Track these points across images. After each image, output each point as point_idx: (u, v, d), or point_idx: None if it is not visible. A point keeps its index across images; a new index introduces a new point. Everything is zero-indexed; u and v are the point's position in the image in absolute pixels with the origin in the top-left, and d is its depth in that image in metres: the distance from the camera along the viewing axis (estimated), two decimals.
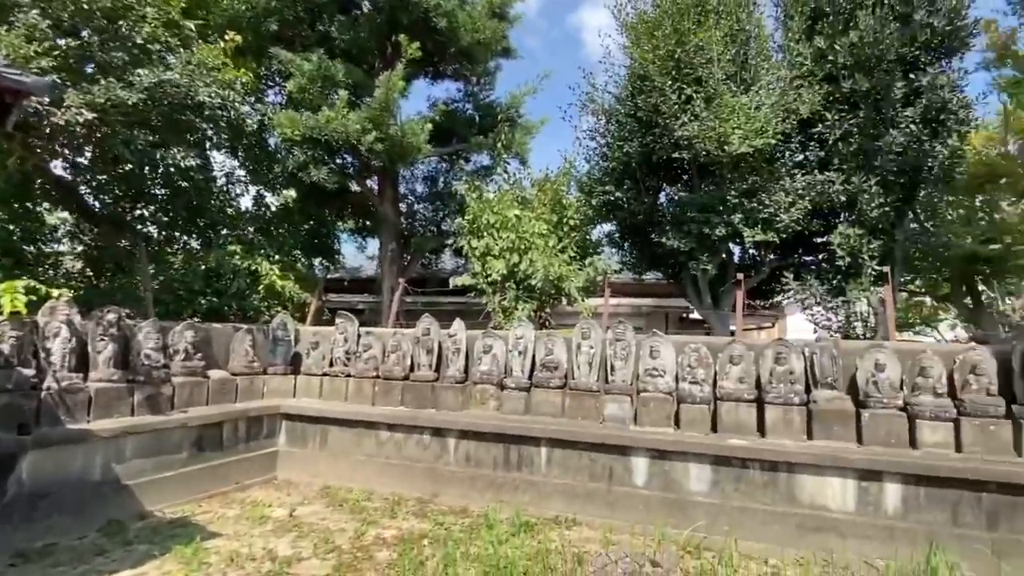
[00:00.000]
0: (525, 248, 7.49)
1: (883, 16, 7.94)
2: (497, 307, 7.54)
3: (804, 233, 7.84)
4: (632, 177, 8.44)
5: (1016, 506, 4.71)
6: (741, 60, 7.93)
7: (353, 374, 6.73)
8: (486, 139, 10.89)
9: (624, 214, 8.79)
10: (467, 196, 8.11)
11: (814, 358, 5.70)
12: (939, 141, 8.14)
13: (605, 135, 8.62)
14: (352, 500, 5.78)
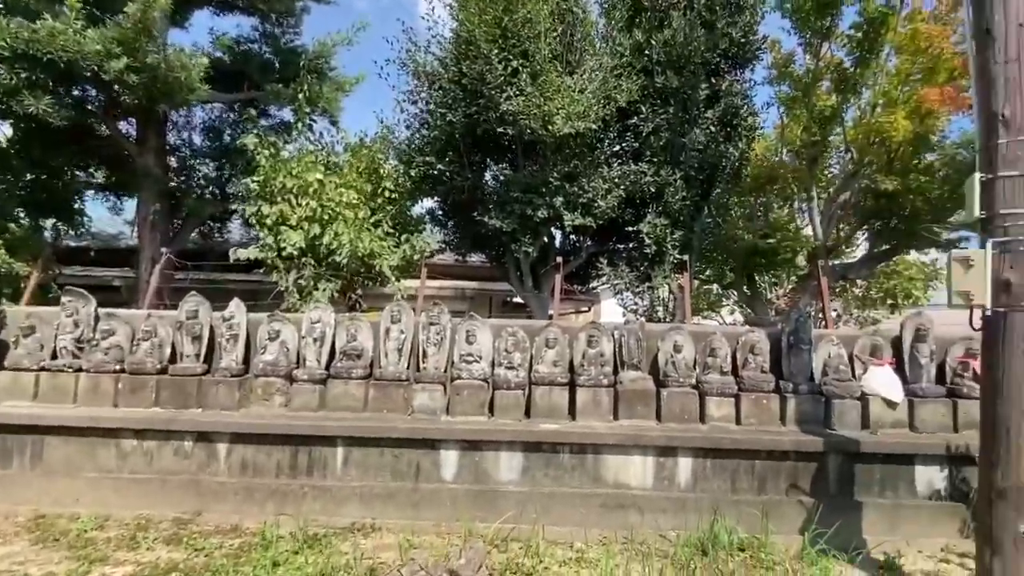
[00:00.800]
0: (329, 218, 6.73)
1: (692, 19, 8.76)
2: (291, 286, 6.66)
3: (618, 221, 8.39)
4: (456, 149, 8.16)
5: (779, 470, 5.40)
6: (568, 41, 8.12)
7: (87, 368, 5.35)
8: (286, 89, 9.64)
9: (446, 189, 8.48)
10: (258, 153, 7.02)
11: (622, 340, 5.97)
12: (732, 144, 9.31)
13: (429, 101, 8.18)
14: (76, 531, 4.56)
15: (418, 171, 8.03)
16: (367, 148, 8.02)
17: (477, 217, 7.94)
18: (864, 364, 6.11)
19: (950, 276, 3.96)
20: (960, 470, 5.41)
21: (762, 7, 9.67)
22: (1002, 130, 3.72)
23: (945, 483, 5.45)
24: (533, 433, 5.24)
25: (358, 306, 7.49)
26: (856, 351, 6.20)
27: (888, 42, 9.94)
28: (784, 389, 5.81)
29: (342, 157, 8.20)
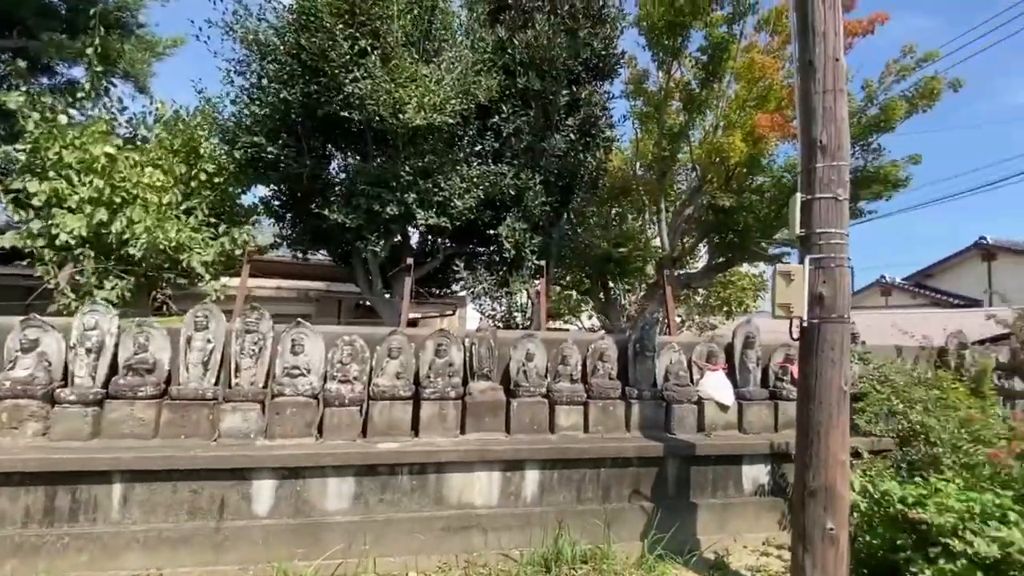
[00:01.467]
0: (123, 202, 5.59)
1: (555, 24, 8.83)
2: (65, 284, 5.42)
3: (477, 223, 8.16)
4: (292, 131, 7.33)
5: (623, 477, 5.46)
6: (425, 28, 7.72)
7: None
8: (72, 42, 7.99)
9: (281, 176, 7.60)
10: (26, 116, 5.64)
11: (473, 349, 5.71)
12: (590, 153, 9.57)
13: (261, 74, 7.25)
14: None
15: (244, 153, 7.07)
16: (184, 123, 6.89)
17: (318, 210, 7.19)
18: (701, 369, 6.48)
19: (774, 289, 4.23)
20: (780, 467, 5.89)
21: (622, 22, 10.08)
22: (820, 155, 4.09)
23: (768, 479, 5.91)
24: (368, 454, 4.75)
25: (166, 309, 6.37)
26: (694, 357, 6.54)
27: (729, 69, 10.92)
28: (630, 395, 5.96)
29: (154, 131, 6.97)
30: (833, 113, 4.13)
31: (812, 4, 4.16)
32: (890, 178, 10.23)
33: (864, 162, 10.50)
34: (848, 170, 4.24)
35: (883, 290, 26.88)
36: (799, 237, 4.21)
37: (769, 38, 11.82)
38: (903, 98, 10.10)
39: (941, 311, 17.31)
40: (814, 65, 4.14)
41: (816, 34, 4.14)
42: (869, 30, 11.13)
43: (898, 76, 10.32)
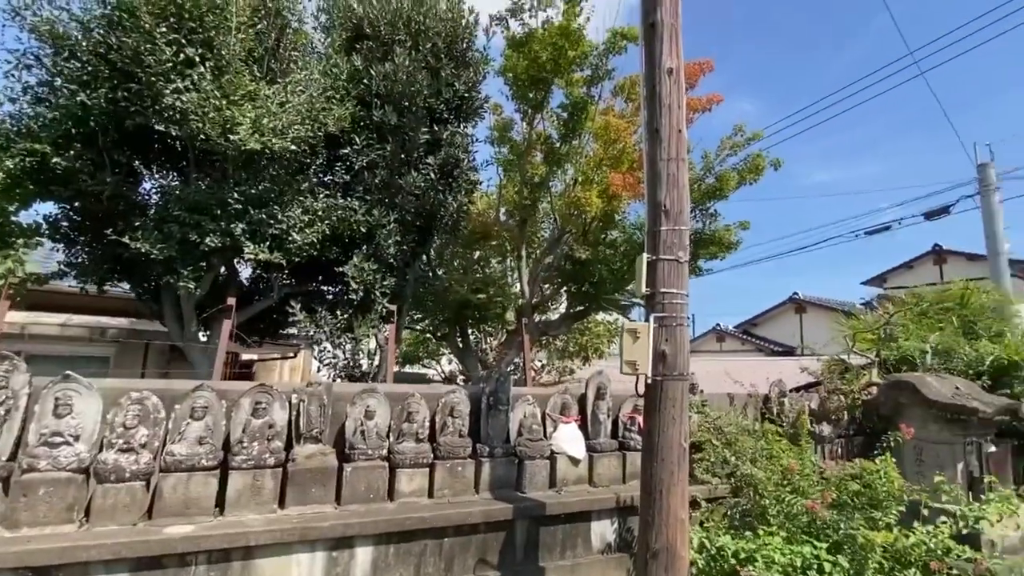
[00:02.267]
0: None
1: (417, 60, 8.69)
2: None
3: (321, 260, 7.49)
4: (91, 142, 6.21)
5: (469, 545, 5.09)
6: (271, 45, 7.13)
7: None
8: None
9: (73, 193, 6.36)
10: None
11: (301, 407, 5.05)
12: (451, 194, 9.42)
13: (53, 71, 6.08)
14: None
15: (20, 161, 5.81)
16: None
17: (120, 237, 6.06)
18: (555, 422, 6.39)
19: (622, 346, 4.31)
20: (627, 521, 5.90)
21: (485, 67, 10.25)
22: (664, 218, 4.31)
23: (615, 536, 5.89)
24: (150, 543, 3.87)
25: None
26: (548, 409, 6.46)
27: (588, 128, 11.60)
28: (481, 453, 5.67)
29: None
30: (676, 180, 4.40)
31: (660, 79, 4.44)
32: (724, 241, 11.48)
33: (703, 225, 11.66)
34: (688, 234, 4.50)
35: (718, 336, 30.14)
36: (645, 296, 4.37)
37: (624, 104, 12.87)
38: (735, 170, 11.48)
39: (766, 359, 19.60)
40: (660, 134, 4.43)
41: (663, 106, 4.43)
42: (707, 108, 12.67)
43: (731, 151, 11.74)
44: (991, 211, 15.89)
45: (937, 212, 17.54)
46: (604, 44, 10.63)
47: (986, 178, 16.13)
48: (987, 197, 16.07)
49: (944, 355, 8.93)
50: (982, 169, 16.19)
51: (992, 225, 15.82)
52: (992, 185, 16.03)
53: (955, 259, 24.86)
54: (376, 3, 8.77)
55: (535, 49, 10.28)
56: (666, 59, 4.49)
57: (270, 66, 7.08)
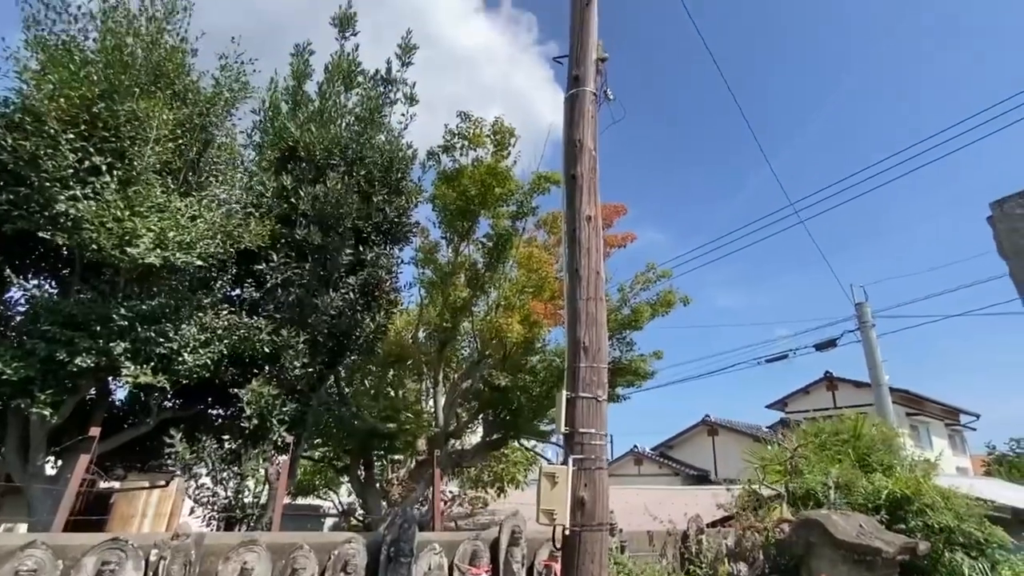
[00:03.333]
0: None
1: (350, 185, 8.70)
2: None
3: (214, 382, 6.70)
4: None
5: None
6: (194, 158, 6.88)
7: None
8: None
9: None
10: None
11: (161, 565, 4.18)
12: (370, 314, 9.05)
13: None
14: None
15: None
16: None
17: None
18: (463, 574, 5.71)
19: (539, 493, 4.01)
20: None
21: (418, 197, 10.45)
22: (583, 355, 4.27)
23: None
24: None
25: None
26: (457, 559, 5.82)
27: (512, 256, 11.89)
28: None
29: None
30: (595, 319, 4.44)
31: (580, 224, 4.59)
32: (640, 371, 11.76)
33: (620, 354, 11.90)
34: (607, 372, 4.44)
35: (636, 459, 29.85)
36: (564, 435, 4.18)
37: (547, 236, 13.48)
38: (648, 304, 12.04)
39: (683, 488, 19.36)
40: (580, 274, 4.53)
41: (582, 249, 4.58)
42: (623, 244, 13.61)
43: (643, 286, 12.41)
44: (871, 345, 17.58)
45: (826, 344, 19.17)
46: (529, 184, 11.24)
47: (863, 316, 17.99)
48: (866, 332, 17.82)
49: (844, 489, 9.10)
50: (859, 308, 18.09)
51: (873, 357, 17.44)
52: (869, 322, 17.87)
53: (845, 386, 26.91)
54: (315, 129, 8.89)
55: (465, 184, 10.67)
56: (585, 207, 4.72)
57: (187, 178, 6.77)
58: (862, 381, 22.06)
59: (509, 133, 10.70)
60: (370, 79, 10.16)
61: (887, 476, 9.43)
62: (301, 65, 9.89)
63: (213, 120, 7.39)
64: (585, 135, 4.96)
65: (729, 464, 24.16)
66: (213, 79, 7.72)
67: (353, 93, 9.96)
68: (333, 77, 9.62)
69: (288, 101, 9.62)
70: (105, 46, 6.34)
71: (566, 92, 5.24)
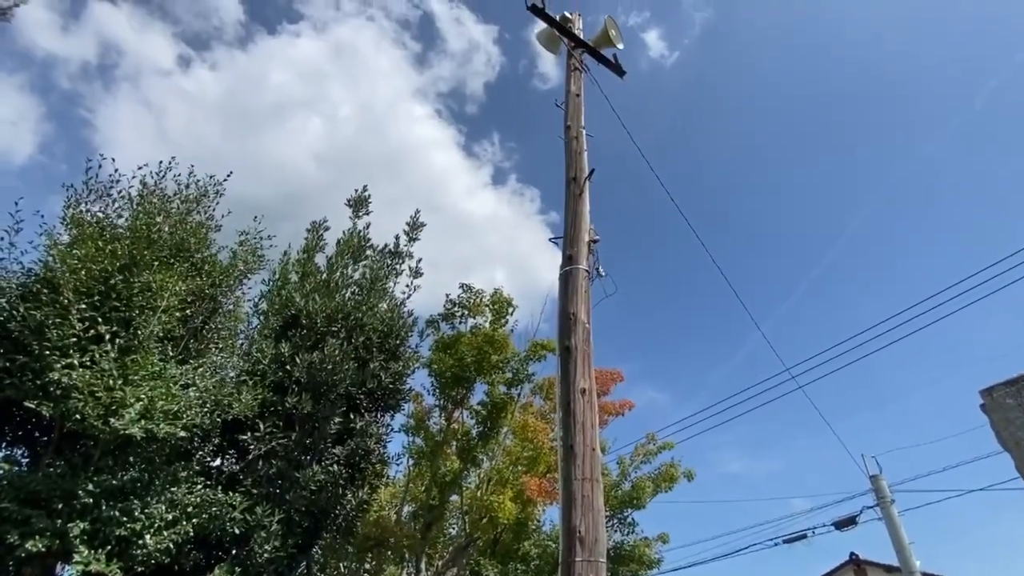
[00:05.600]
0: None
1: (347, 351, 8.81)
2: None
3: (172, 569, 6.08)
4: None
5: None
6: (198, 327, 7.08)
7: None
8: None
9: None
10: None
11: None
12: (353, 488, 8.56)
13: None
14: None
15: None
16: None
17: None
18: None
19: None
20: None
21: (414, 363, 10.54)
22: (579, 547, 3.95)
23: None
24: None
25: None
26: None
27: (506, 424, 11.61)
28: None
29: None
30: (591, 503, 4.18)
31: (574, 397, 4.52)
32: (644, 559, 10.80)
33: (622, 537, 11.02)
34: (606, 567, 4.05)
35: None
36: None
37: (543, 402, 13.29)
38: (650, 478, 11.46)
39: None
40: (575, 451, 4.36)
41: (576, 423, 4.46)
42: (620, 412, 13.32)
43: (645, 458, 11.94)
44: (893, 524, 16.15)
45: (846, 522, 17.70)
46: (525, 352, 11.43)
47: (880, 490, 16.81)
48: (886, 509, 16.51)
49: None
50: (874, 481, 17.02)
51: (898, 539, 15.91)
52: (888, 497, 16.67)
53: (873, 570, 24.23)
54: (319, 298, 9.25)
55: (462, 350, 10.85)
56: (580, 380, 4.69)
57: (187, 345, 6.90)
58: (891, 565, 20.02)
59: (507, 303, 11.14)
60: (378, 252, 10.85)
61: None
62: (315, 240, 10.64)
63: (224, 289, 7.74)
64: (579, 309, 5.12)
65: None
66: (231, 251, 8.27)
67: (360, 265, 10.56)
68: (343, 251, 10.28)
69: (298, 272, 10.19)
70: (136, 224, 6.90)
71: (561, 269, 5.53)
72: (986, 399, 6.79)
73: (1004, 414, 6.44)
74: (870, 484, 17.28)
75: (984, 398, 6.82)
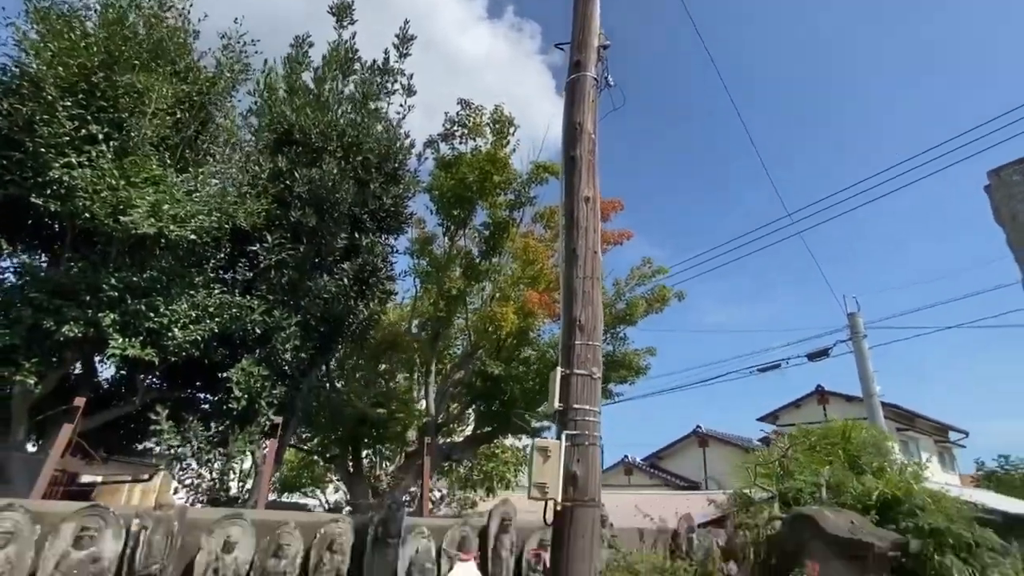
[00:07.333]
0: None
1: (345, 170, 8.70)
2: None
3: (203, 362, 6.64)
4: None
5: None
6: (191, 135, 6.86)
7: None
8: None
9: None
10: None
11: (143, 536, 4.14)
12: (364, 302, 9.03)
13: None
14: None
15: None
16: None
17: None
18: (451, 560, 5.70)
19: (531, 466, 4.04)
20: None
21: (414, 187, 10.47)
22: (578, 333, 4.32)
23: None
24: None
25: None
26: (445, 544, 5.80)
27: (508, 247, 11.92)
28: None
29: None
30: (591, 297, 4.49)
31: (578, 204, 4.64)
32: (633, 365, 11.78)
33: (613, 348, 11.92)
34: (602, 351, 4.47)
35: (626, 469, 29.83)
36: (557, 411, 4.24)
37: (544, 231, 13.49)
38: (643, 299, 12.09)
39: (675, 493, 19.38)
40: (577, 254, 4.59)
41: (579, 228, 4.61)
42: (619, 241, 13.58)
43: (639, 280, 12.46)
44: (863, 355, 17.63)
45: (818, 354, 19.27)
46: (527, 174, 11.29)
47: (856, 326, 18.06)
48: (858, 343, 17.89)
49: (835, 489, 9.13)
50: (851, 318, 18.17)
51: (864, 369, 17.49)
52: (861, 333, 17.96)
53: (836, 399, 27.01)
54: (311, 113, 8.88)
55: (463, 171, 10.70)
56: (584, 188, 4.79)
57: (183, 155, 6.75)
58: (853, 395, 22.18)
59: (509, 122, 10.76)
60: (368, 69, 10.19)
61: (877, 478, 9.48)
62: (300, 54, 9.88)
63: (213, 99, 7.39)
64: (585, 118, 5.03)
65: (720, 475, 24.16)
66: (215, 59, 7.76)
67: (350, 80, 9.98)
68: (330, 63, 9.64)
69: (285, 88, 9.64)
70: (106, 19, 6.35)
71: (567, 77, 5.31)
72: (992, 179, 6.81)
73: (1007, 191, 6.53)
74: (847, 322, 18.42)
75: (991, 178, 6.83)
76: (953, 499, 8.75)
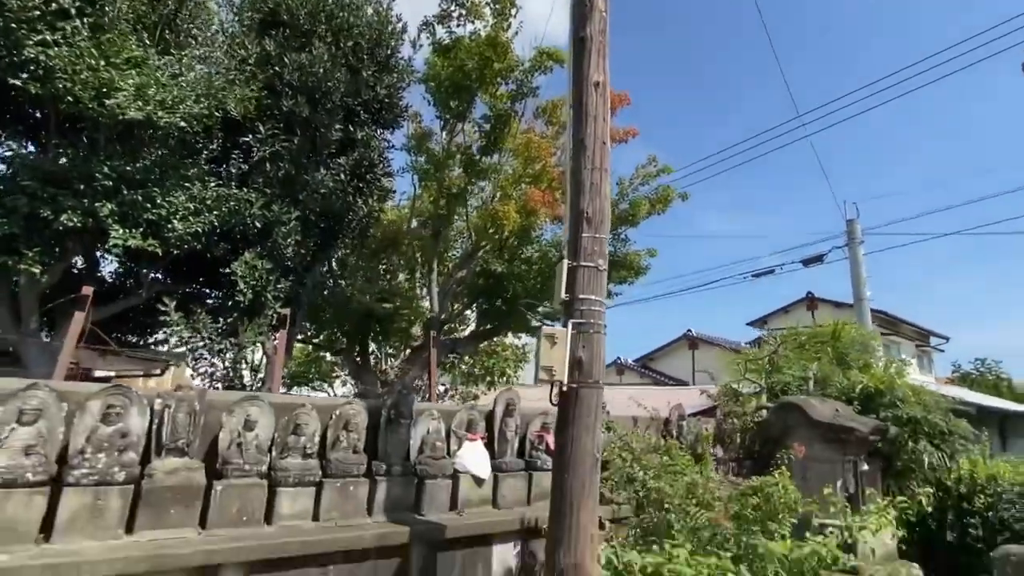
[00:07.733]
0: None
1: (336, 57, 8.21)
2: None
3: (205, 256, 6.64)
4: None
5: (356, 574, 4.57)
6: (169, 14, 6.40)
7: None
8: None
9: None
10: None
11: (166, 414, 4.32)
12: (362, 198, 8.90)
13: None
14: None
15: None
16: None
17: None
18: (460, 439, 6.04)
19: (539, 350, 4.17)
20: (529, 544, 5.61)
21: (409, 76, 9.96)
22: (586, 225, 4.27)
23: (516, 560, 5.56)
24: None
25: None
26: (454, 426, 6.11)
27: (509, 145, 11.54)
28: (377, 471, 5.18)
29: None
30: (599, 189, 4.41)
31: (587, 90, 4.39)
32: (634, 265, 11.92)
33: (615, 249, 11.98)
34: (608, 244, 4.48)
35: (618, 369, 31.10)
36: (563, 302, 4.28)
37: (545, 127, 13.00)
38: (646, 199, 11.96)
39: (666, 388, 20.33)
40: (585, 144, 4.43)
41: (588, 116, 4.40)
42: (624, 139, 13.17)
43: (643, 180, 12.24)
44: (857, 261, 17.81)
45: (813, 259, 19.41)
46: (530, 61, 10.66)
47: (853, 232, 18.08)
48: (854, 249, 18.00)
49: (822, 383, 9.60)
50: (850, 224, 18.15)
51: (857, 274, 17.75)
52: (858, 239, 18.01)
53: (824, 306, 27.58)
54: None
55: (461, 57, 10.11)
56: (593, 72, 4.54)
57: (163, 36, 6.33)
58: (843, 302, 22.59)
59: (510, 2, 10.00)
60: None
61: (863, 374, 9.94)
62: None
63: None
64: None
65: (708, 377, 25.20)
66: None
67: None
68: None
69: None
70: None
71: None
72: None
73: None
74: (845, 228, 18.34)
75: None
76: (932, 392, 9.26)
